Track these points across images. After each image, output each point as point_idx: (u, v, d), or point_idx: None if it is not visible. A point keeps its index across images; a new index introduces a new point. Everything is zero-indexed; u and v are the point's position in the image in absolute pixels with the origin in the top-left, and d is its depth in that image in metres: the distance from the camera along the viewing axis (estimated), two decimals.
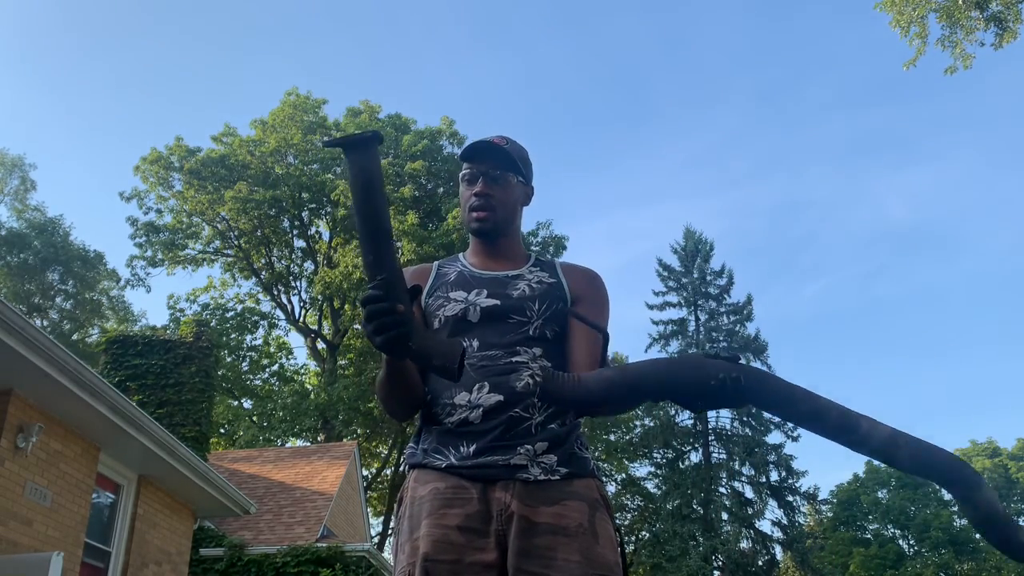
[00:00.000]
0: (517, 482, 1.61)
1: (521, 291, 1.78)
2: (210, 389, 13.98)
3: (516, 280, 1.82)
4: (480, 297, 1.77)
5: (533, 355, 1.70)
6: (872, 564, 33.79)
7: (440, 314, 1.77)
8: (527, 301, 1.76)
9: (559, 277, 1.85)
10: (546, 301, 1.77)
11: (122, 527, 8.63)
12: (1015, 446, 39.67)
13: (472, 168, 1.86)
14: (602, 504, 1.66)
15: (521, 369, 1.68)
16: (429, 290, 1.84)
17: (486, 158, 1.85)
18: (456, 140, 27.31)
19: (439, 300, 1.79)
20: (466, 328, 1.74)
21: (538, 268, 1.87)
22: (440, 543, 1.57)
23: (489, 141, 1.85)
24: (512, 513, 1.58)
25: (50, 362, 6.26)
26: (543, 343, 1.73)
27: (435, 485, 1.64)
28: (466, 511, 1.59)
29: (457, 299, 1.78)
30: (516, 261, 1.88)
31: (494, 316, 1.74)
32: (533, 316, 1.75)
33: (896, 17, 11.13)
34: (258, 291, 29.16)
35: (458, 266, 1.89)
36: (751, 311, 30.21)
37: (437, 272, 1.88)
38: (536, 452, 1.63)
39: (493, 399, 1.65)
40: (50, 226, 29.68)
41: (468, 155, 1.87)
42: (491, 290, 1.79)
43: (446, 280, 1.84)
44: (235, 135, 27.87)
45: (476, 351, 1.71)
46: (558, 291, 1.81)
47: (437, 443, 1.69)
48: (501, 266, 1.86)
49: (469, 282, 1.81)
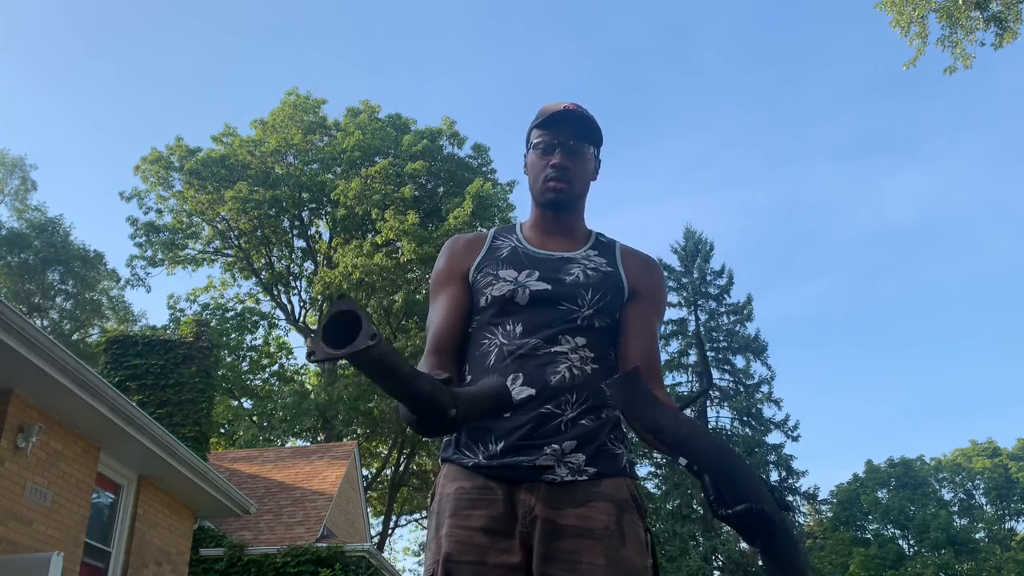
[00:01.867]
0: (542, 484, 1.56)
1: (575, 277, 1.70)
2: (210, 389, 13.98)
3: (571, 264, 1.73)
4: (531, 279, 1.69)
5: (575, 345, 1.64)
6: (872, 564, 33.78)
7: (488, 292, 1.70)
8: (580, 288, 1.68)
9: (617, 265, 1.76)
10: (600, 290, 1.69)
11: (122, 527, 8.63)
12: (1015, 446, 39.62)
13: (548, 136, 1.76)
14: (632, 505, 1.60)
15: (559, 360, 1.62)
16: (479, 265, 1.76)
17: (564, 127, 1.75)
18: (456, 140, 27.30)
19: (488, 277, 1.72)
20: (512, 310, 1.67)
21: (596, 251, 1.78)
22: (462, 544, 1.54)
23: (570, 109, 1.75)
24: (536, 516, 1.54)
25: (50, 362, 6.26)
26: (589, 333, 1.66)
27: (461, 484, 1.61)
28: (491, 512, 1.56)
29: (507, 279, 1.70)
30: (575, 241, 1.79)
31: (543, 301, 1.67)
32: (584, 305, 1.67)
33: (896, 17, 11.13)
34: (258, 291, 29.16)
35: (513, 240, 1.80)
36: (751, 311, 30.21)
37: (490, 245, 1.80)
38: (564, 451, 1.57)
39: (525, 392, 1.59)
40: (50, 226, 29.68)
41: (547, 124, 1.76)
42: (543, 272, 1.70)
43: (498, 256, 1.76)
44: (235, 135, 27.87)
45: (518, 337, 1.65)
46: (615, 281, 1.73)
47: (467, 436, 1.64)
48: (559, 245, 1.77)
49: (522, 261, 1.73)
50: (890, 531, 36.68)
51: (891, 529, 36.72)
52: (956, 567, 34.29)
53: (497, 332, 1.68)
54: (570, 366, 1.62)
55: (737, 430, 28.77)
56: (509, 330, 1.66)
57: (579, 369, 1.63)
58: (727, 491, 1.40)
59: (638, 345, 1.71)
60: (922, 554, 35.35)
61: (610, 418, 1.65)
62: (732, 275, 30.78)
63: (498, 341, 1.67)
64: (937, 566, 34.38)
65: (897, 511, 36.16)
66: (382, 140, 26.65)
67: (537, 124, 1.79)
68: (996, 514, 38.54)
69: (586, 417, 1.61)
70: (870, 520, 37.28)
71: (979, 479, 38.90)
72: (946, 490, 39.32)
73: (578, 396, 1.61)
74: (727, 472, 1.41)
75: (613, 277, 1.73)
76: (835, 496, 38.12)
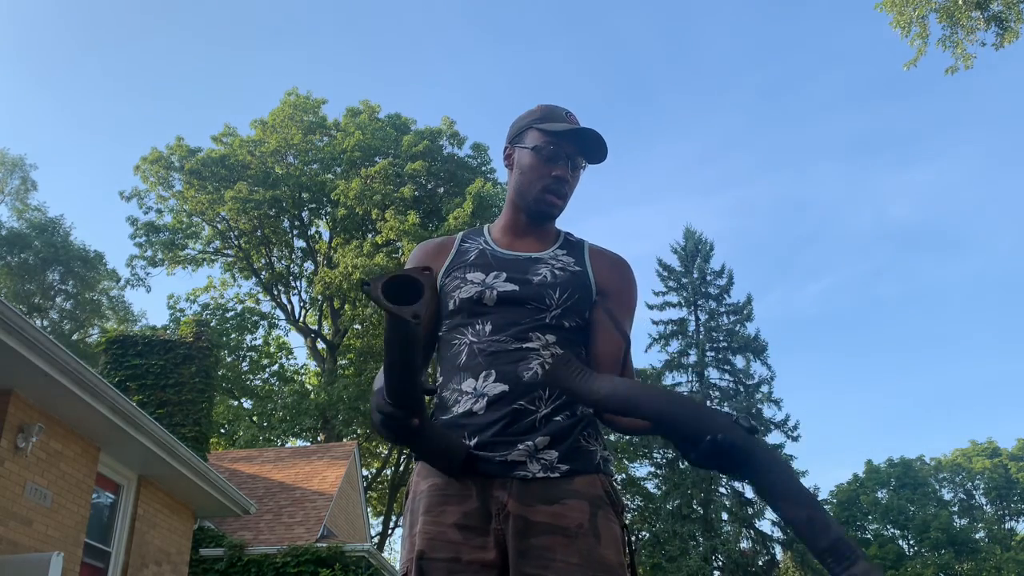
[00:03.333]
0: (515, 480, 1.55)
1: (542, 277, 1.70)
2: (210, 389, 13.97)
3: (538, 264, 1.73)
4: (498, 281, 1.70)
5: (546, 342, 1.64)
6: None
7: (455, 295, 1.70)
8: (547, 288, 1.68)
9: (585, 264, 1.76)
10: (567, 290, 1.69)
11: (122, 527, 8.62)
12: (1015, 446, 39.66)
13: (558, 146, 1.74)
14: (606, 502, 1.59)
15: (531, 357, 1.62)
16: (447, 269, 1.76)
17: (578, 143, 1.75)
18: (456, 140, 27.30)
19: (455, 281, 1.72)
20: (481, 311, 1.68)
21: (564, 251, 1.78)
22: (436, 541, 1.53)
23: (592, 130, 1.73)
24: (509, 513, 1.53)
25: (50, 362, 6.25)
26: (558, 331, 1.66)
27: (434, 480, 1.60)
28: (464, 508, 1.55)
29: (474, 281, 1.70)
30: (544, 241, 1.79)
31: (510, 302, 1.67)
32: (552, 305, 1.67)
33: (897, 17, 11.11)
34: (258, 291, 29.17)
35: (480, 243, 1.80)
36: (751, 311, 30.21)
37: (458, 249, 1.80)
38: (537, 447, 1.57)
39: (498, 389, 1.59)
40: (50, 226, 29.68)
41: (563, 134, 1.74)
42: (510, 273, 1.71)
43: (465, 260, 1.76)
44: (235, 135, 27.88)
45: (488, 335, 1.65)
46: (582, 280, 1.73)
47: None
48: (527, 246, 1.78)
49: (489, 263, 1.74)
50: (890, 531, 36.71)
51: (891, 529, 36.74)
52: (956, 567, 34.30)
53: (467, 332, 1.68)
54: (542, 362, 1.61)
55: None
56: (479, 329, 1.66)
57: (550, 363, 1.62)
58: (691, 436, 1.37)
59: (606, 344, 1.71)
60: (922, 554, 35.37)
61: (584, 415, 1.64)
62: (732, 275, 30.81)
63: (468, 340, 1.67)
64: (937, 566, 34.39)
65: (897, 511, 36.18)
66: (382, 140, 26.65)
67: (547, 128, 1.75)
68: (996, 514, 38.56)
69: (560, 414, 1.60)
70: (870, 520, 37.31)
71: (979, 479, 38.94)
72: (946, 490, 39.36)
73: (550, 393, 1.60)
74: (682, 417, 1.39)
75: (580, 276, 1.73)
76: (835, 496, 38.15)
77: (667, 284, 31.16)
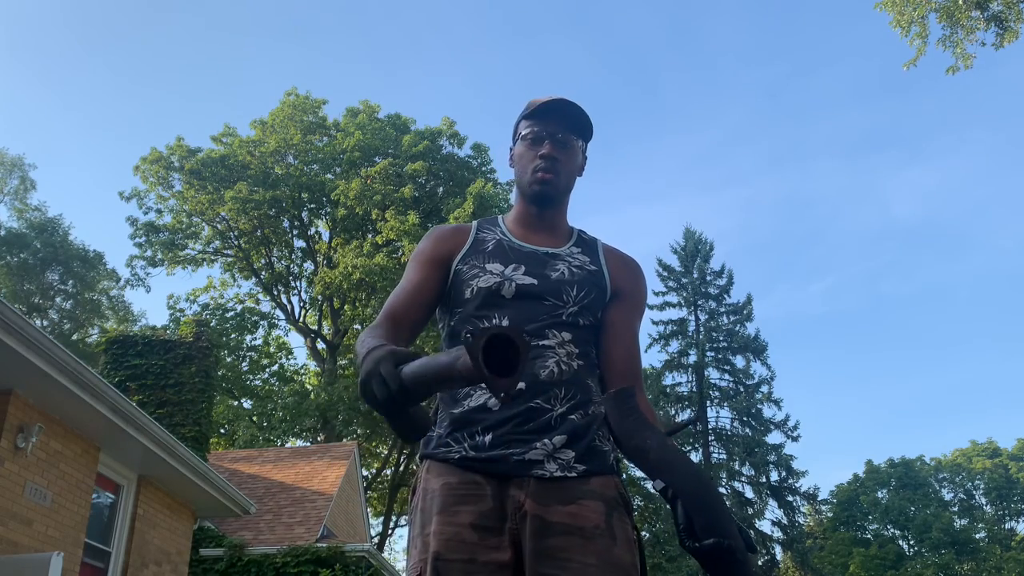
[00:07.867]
0: (532, 479, 1.53)
1: (560, 273, 1.70)
2: (210, 389, 13.98)
3: (556, 260, 1.73)
4: (517, 273, 1.69)
5: (562, 340, 1.63)
6: (872, 564, 33.79)
7: (474, 284, 1.68)
8: (565, 285, 1.68)
9: (600, 264, 1.77)
10: (584, 288, 1.70)
11: (122, 527, 8.62)
12: (1015, 446, 39.65)
13: (537, 127, 1.75)
14: (620, 503, 1.58)
15: (547, 355, 1.61)
16: (464, 256, 1.74)
17: (554, 118, 1.75)
18: (456, 140, 27.30)
19: (474, 269, 1.71)
20: (498, 303, 1.66)
21: (580, 249, 1.78)
22: (452, 541, 1.50)
23: (560, 100, 1.74)
24: (526, 512, 1.51)
25: (50, 362, 6.25)
26: (574, 329, 1.66)
27: (447, 479, 1.57)
28: (479, 508, 1.52)
29: (493, 271, 1.69)
30: (559, 237, 1.79)
31: (529, 295, 1.66)
32: (569, 302, 1.67)
33: (896, 17, 11.11)
34: (258, 291, 29.18)
35: (497, 233, 1.79)
36: (751, 311, 30.24)
37: (475, 236, 1.79)
38: (554, 447, 1.55)
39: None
40: (50, 226, 29.69)
41: (537, 114, 1.76)
42: (529, 267, 1.70)
43: (483, 248, 1.75)
44: (235, 135, 27.87)
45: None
46: (598, 280, 1.73)
47: (452, 428, 1.61)
48: (543, 240, 1.77)
49: (507, 254, 1.73)
50: (890, 531, 36.71)
51: (891, 529, 36.75)
52: (956, 567, 34.31)
53: (482, 324, 1.65)
54: (558, 360, 1.61)
55: (737, 430, 28.78)
56: (496, 322, 1.63)
57: (566, 364, 1.62)
58: (698, 521, 1.42)
59: (619, 346, 1.72)
60: (922, 554, 35.37)
61: (597, 415, 1.63)
62: (732, 275, 30.86)
63: None
64: (937, 566, 34.39)
65: (897, 511, 36.18)
66: (382, 140, 26.65)
67: (526, 115, 1.78)
68: (996, 514, 38.54)
69: (575, 413, 1.59)
70: (870, 520, 37.31)
71: (979, 479, 38.92)
72: (946, 490, 39.35)
73: (566, 391, 1.60)
74: (703, 502, 1.43)
75: (597, 276, 1.74)
76: (835, 496, 38.16)
77: (667, 284, 31.19)
